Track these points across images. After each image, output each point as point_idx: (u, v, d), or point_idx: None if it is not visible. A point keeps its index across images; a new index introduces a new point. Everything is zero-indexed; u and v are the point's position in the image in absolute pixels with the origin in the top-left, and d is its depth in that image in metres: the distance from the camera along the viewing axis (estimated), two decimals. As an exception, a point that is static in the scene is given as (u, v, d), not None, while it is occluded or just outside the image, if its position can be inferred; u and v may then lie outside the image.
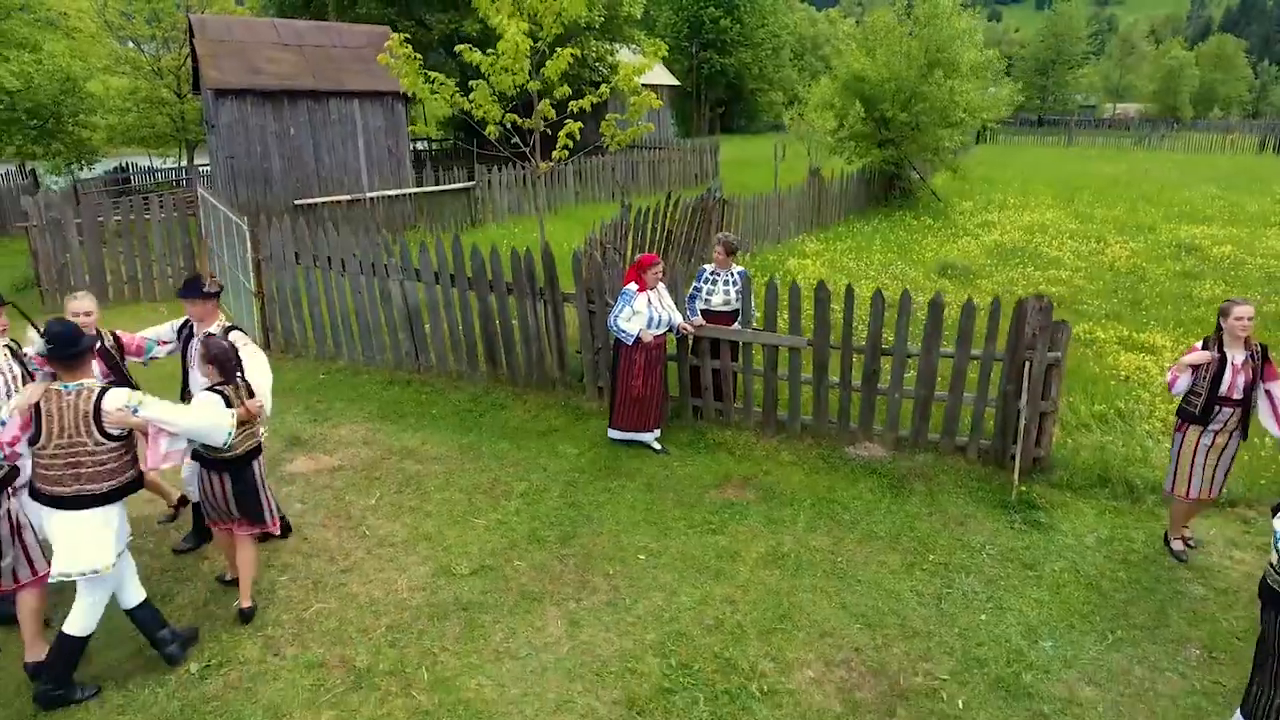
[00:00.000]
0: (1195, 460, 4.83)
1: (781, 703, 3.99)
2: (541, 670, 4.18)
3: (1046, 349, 5.82)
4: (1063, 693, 4.07)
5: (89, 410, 3.70)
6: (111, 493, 3.81)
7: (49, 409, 3.67)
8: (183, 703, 3.95)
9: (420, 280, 7.81)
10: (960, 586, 4.92)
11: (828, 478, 6.21)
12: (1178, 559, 5.06)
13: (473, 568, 5.06)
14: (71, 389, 3.71)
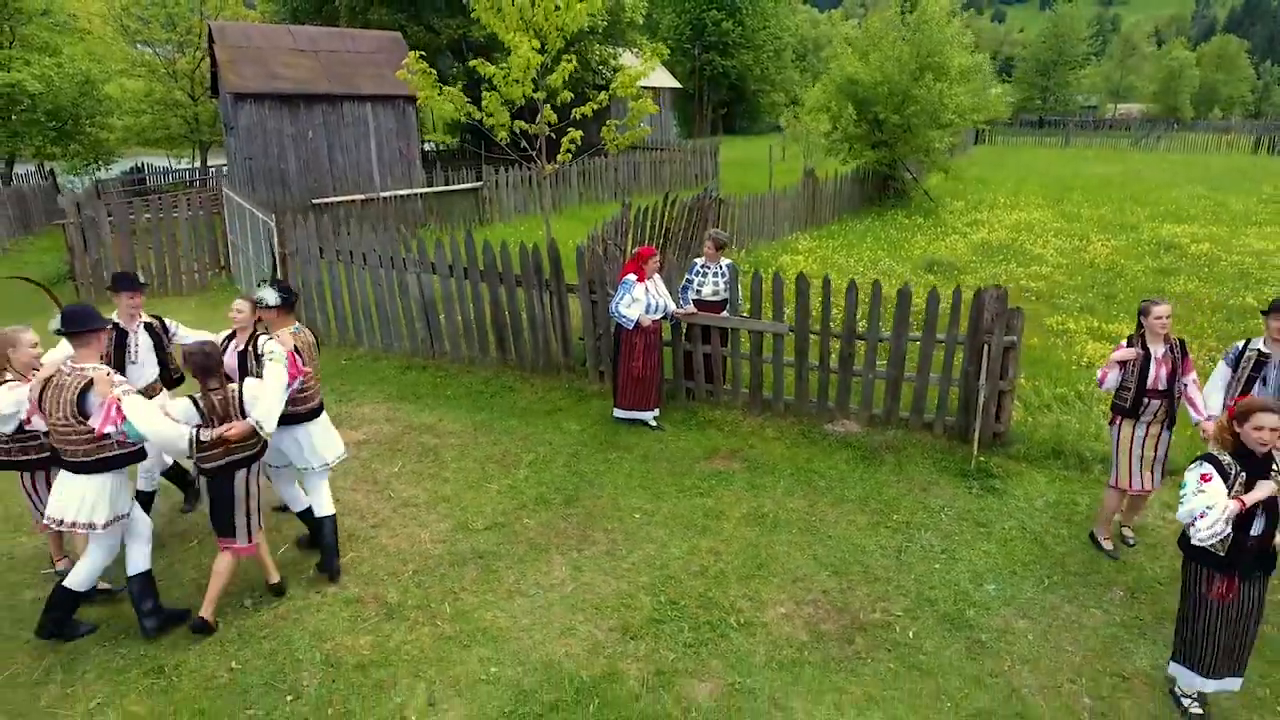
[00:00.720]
0: (1133, 452, 5.23)
1: (755, 632, 4.63)
2: (548, 605, 4.83)
3: (1003, 333, 6.44)
4: (1000, 624, 4.70)
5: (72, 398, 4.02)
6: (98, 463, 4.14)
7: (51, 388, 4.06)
8: (239, 630, 4.60)
9: (436, 273, 8.47)
10: (919, 541, 5.55)
11: (806, 450, 6.85)
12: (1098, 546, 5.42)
13: (487, 524, 5.72)
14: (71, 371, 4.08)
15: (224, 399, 4.29)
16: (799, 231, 15.67)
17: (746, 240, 13.96)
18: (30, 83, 22.86)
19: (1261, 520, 3.68)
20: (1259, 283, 12.64)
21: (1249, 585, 3.78)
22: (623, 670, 4.28)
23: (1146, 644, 4.53)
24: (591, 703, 4.04)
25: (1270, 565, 3.79)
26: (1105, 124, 59.61)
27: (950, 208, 18.89)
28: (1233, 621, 3.80)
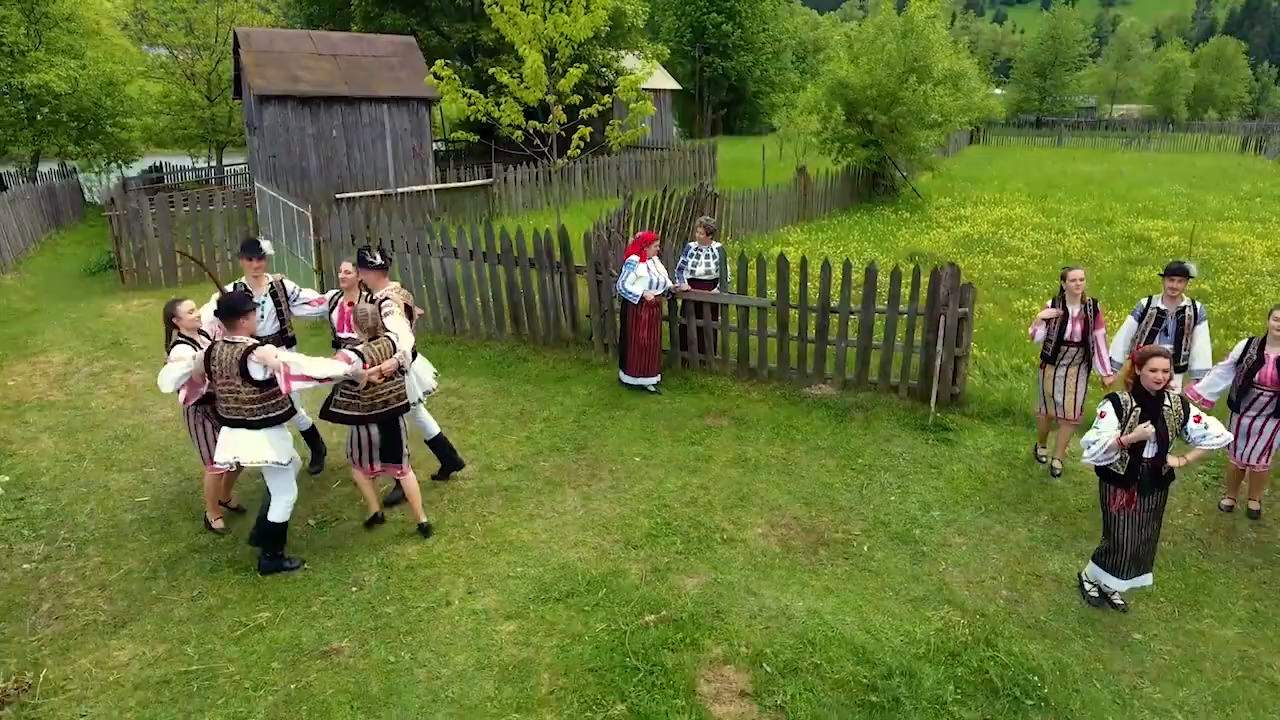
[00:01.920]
0: (1054, 388, 6.34)
1: (736, 546, 5.57)
2: (562, 525, 5.78)
3: (957, 306, 7.38)
4: (939, 540, 5.64)
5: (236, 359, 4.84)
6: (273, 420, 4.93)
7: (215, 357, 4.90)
8: (308, 542, 5.55)
9: (458, 258, 9.41)
10: (878, 480, 6.49)
11: (787, 410, 7.79)
12: (1040, 461, 6.59)
13: (508, 465, 6.67)
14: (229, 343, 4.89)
15: (381, 348, 5.22)
16: (790, 225, 16.61)
17: (740, 233, 14.90)
18: (57, 84, 23.87)
19: (1154, 446, 4.58)
20: (1219, 272, 13.55)
21: (1147, 498, 4.68)
22: (625, 569, 5.23)
23: (1060, 554, 5.46)
24: (600, 590, 4.98)
25: (1164, 482, 4.70)
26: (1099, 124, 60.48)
27: (937, 204, 19.82)
28: (1136, 528, 4.69)
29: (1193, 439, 4.60)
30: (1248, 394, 5.66)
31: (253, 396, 4.88)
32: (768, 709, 4.07)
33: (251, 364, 4.83)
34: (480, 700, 4.13)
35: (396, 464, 5.57)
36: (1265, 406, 5.62)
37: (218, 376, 4.93)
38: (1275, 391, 5.55)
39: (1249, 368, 5.63)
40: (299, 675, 4.30)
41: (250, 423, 4.93)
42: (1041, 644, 4.58)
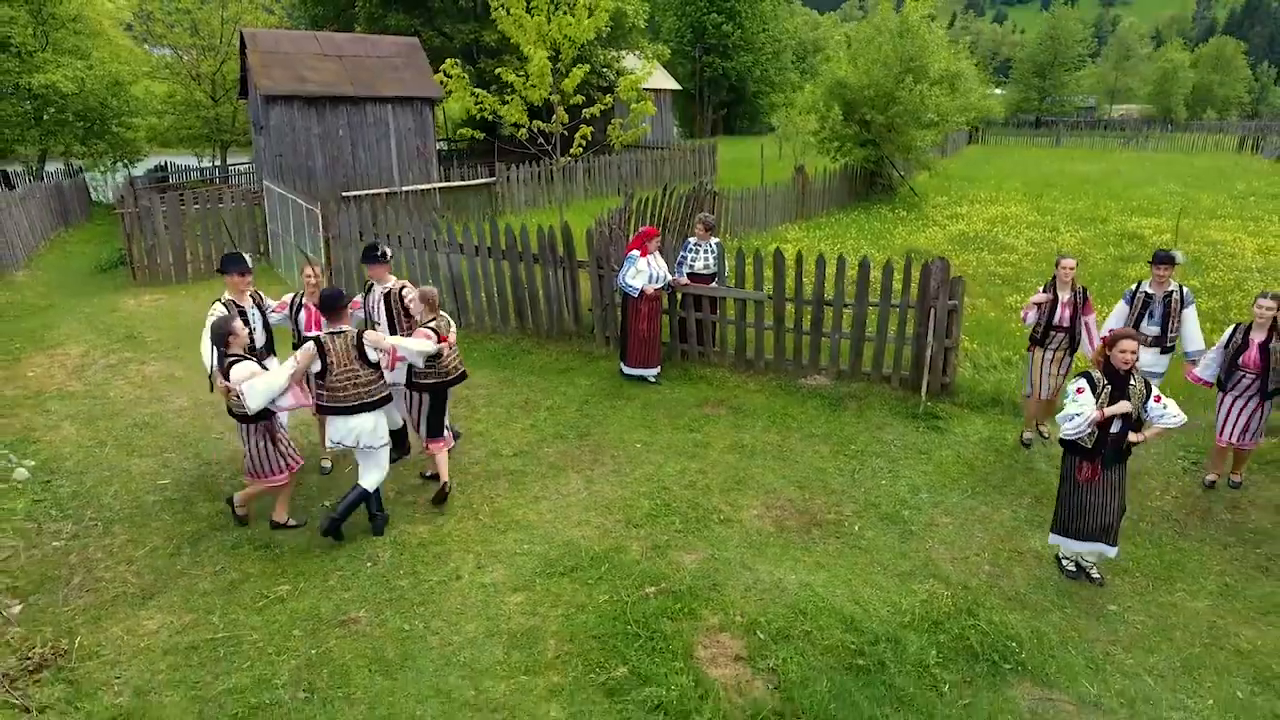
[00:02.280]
0: (1041, 370, 6.67)
1: (732, 526, 5.82)
2: (566, 506, 6.04)
3: (947, 299, 7.63)
4: (927, 520, 5.90)
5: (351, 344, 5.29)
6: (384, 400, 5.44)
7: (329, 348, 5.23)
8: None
9: (463, 254, 9.67)
10: (870, 465, 6.75)
11: (783, 400, 8.04)
12: (1025, 446, 6.87)
13: (514, 451, 6.93)
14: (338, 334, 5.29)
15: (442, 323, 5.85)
16: (789, 223, 16.86)
17: (739, 230, 15.15)
18: (64, 84, 24.14)
19: (1119, 422, 4.86)
20: (1208, 269, 13.81)
21: (1109, 471, 4.96)
22: (627, 546, 5.49)
23: (1042, 533, 5.70)
24: (603, 565, 5.24)
25: (1124, 456, 4.98)
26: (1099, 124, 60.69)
27: (933, 202, 20.06)
28: (1098, 497, 4.97)
29: (1152, 417, 4.88)
30: (1233, 376, 5.96)
31: (370, 379, 5.35)
32: (761, 671, 4.32)
33: (367, 347, 5.29)
34: (490, 664, 4.39)
35: (433, 437, 6.02)
36: (1249, 388, 5.90)
37: (335, 367, 5.24)
38: (1257, 373, 5.83)
39: (1234, 351, 5.91)
40: (319, 642, 4.56)
41: (369, 404, 5.34)
42: (1021, 614, 4.84)
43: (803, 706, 4.07)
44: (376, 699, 4.15)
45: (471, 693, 4.20)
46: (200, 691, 4.21)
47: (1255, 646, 4.62)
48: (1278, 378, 5.81)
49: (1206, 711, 4.15)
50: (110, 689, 4.22)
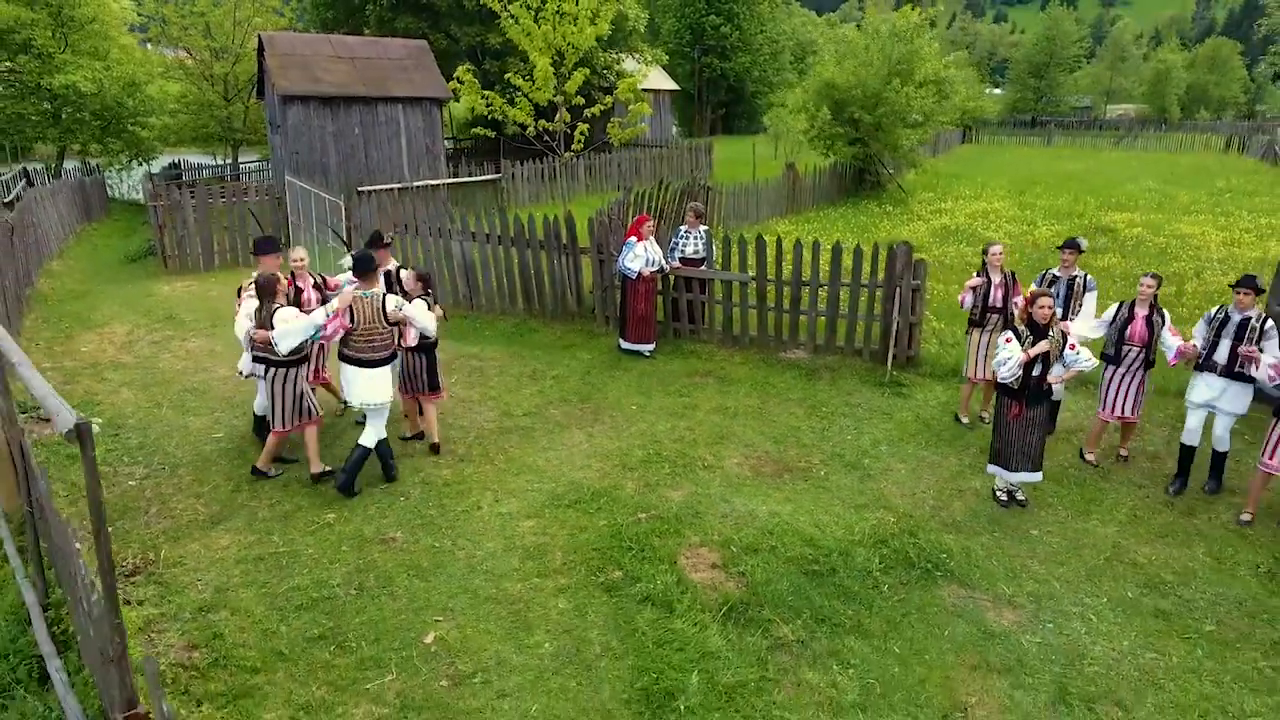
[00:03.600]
0: (977, 351, 7.45)
1: (715, 471, 6.71)
2: (570, 455, 6.93)
3: (911, 279, 8.52)
4: (883, 466, 6.79)
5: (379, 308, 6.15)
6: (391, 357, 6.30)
7: (358, 308, 6.10)
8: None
9: (475, 241, 10.57)
10: (838, 424, 7.64)
11: (764, 371, 8.94)
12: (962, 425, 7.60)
13: (524, 411, 7.82)
14: (368, 295, 6.14)
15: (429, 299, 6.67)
16: (779, 217, 17.76)
17: (731, 223, 16.03)
18: (84, 84, 25.05)
19: (1039, 366, 5.75)
20: (1172, 259, 14.70)
21: (1033, 409, 5.84)
22: (623, 485, 6.38)
23: (982, 477, 6.59)
24: (602, 499, 6.13)
25: (1044, 397, 5.86)
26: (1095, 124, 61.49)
27: (920, 198, 20.96)
28: (1025, 432, 5.86)
29: (1068, 361, 5.78)
30: (1121, 350, 6.68)
31: (385, 337, 6.17)
32: (732, 575, 5.22)
33: (389, 307, 6.13)
34: (508, 570, 5.29)
35: (436, 391, 6.89)
36: (1134, 361, 6.66)
37: (359, 325, 6.05)
38: (1142, 346, 6.61)
39: (1121, 325, 6.68)
40: (364, 555, 5.46)
41: (381, 359, 6.13)
42: (955, 536, 5.73)
43: (765, 598, 4.96)
44: (415, 595, 5.04)
45: (493, 590, 5.09)
46: (269, 589, 5.10)
47: (1149, 561, 5.51)
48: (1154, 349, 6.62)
49: (1100, 608, 5.04)
50: (194, 588, 5.11)
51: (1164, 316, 6.59)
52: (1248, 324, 6.14)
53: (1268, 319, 6.18)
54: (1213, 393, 6.30)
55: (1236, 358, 6.12)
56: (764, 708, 4.16)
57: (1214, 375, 6.27)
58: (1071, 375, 5.97)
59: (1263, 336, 6.08)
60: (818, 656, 4.53)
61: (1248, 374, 6.11)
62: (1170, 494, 6.38)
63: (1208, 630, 4.82)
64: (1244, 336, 6.11)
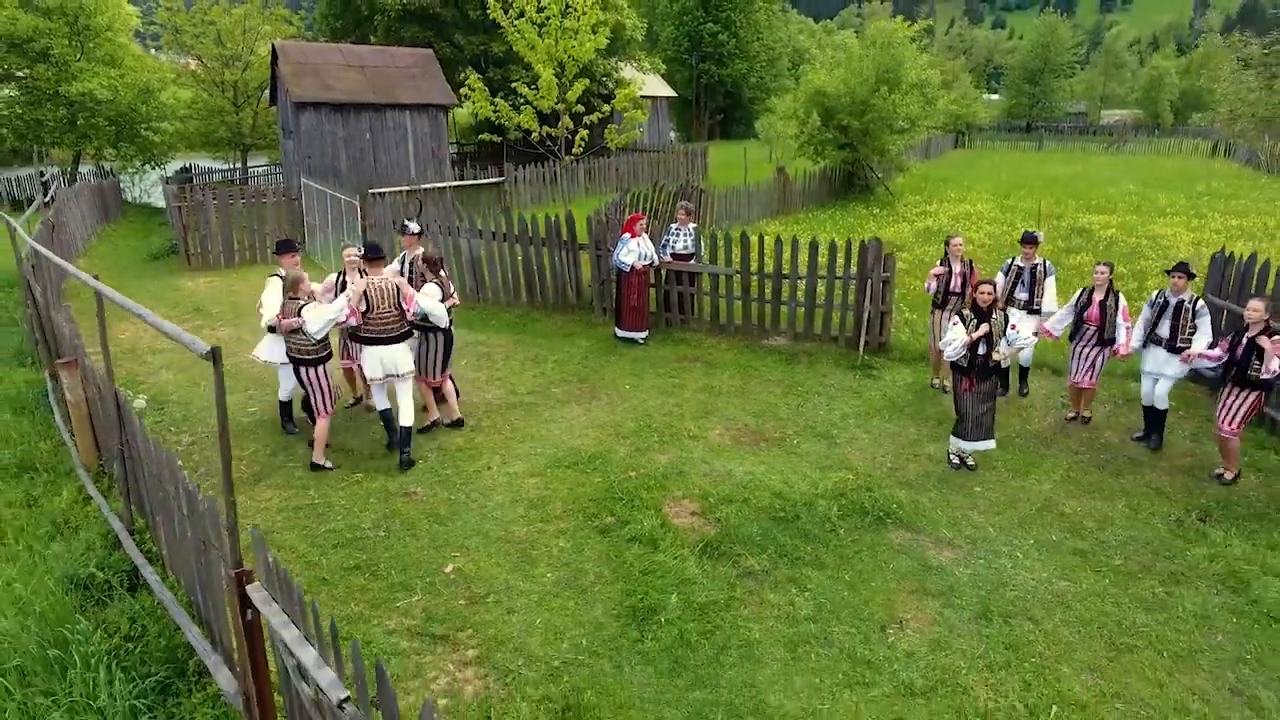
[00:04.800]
0: (939, 328, 8.31)
1: (699, 440, 7.51)
2: (570, 426, 7.74)
3: (882, 272, 9.33)
4: (849, 436, 7.59)
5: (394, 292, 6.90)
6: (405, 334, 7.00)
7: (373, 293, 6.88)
8: (383, 437, 7.50)
9: (481, 238, 11.39)
10: (813, 401, 8.45)
11: (747, 356, 9.75)
12: (935, 388, 8.52)
13: (528, 390, 8.64)
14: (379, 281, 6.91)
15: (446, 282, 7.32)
16: (769, 219, 18.58)
17: (723, 224, 16.85)
18: (101, 91, 25.93)
19: (985, 346, 6.56)
20: (1141, 257, 15.51)
21: (982, 383, 6.65)
22: (616, 449, 7.19)
23: (937, 444, 7.40)
24: (597, 461, 6.94)
25: (992, 373, 6.67)
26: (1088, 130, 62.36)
27: (907, 201, 21.79)
28: (977, 404, 6.67)
29: (1009, 339, 6.58)
30: (1079, 328, 7.63)
31: (397, 317, 6.83)
32: (709, 520, 6.02)
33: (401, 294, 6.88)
34: (515, 518, 6.09)
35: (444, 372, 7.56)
36: (1091, 338, 7.57)
37: (375, 306, 6.76)
38: (1097, 326, 7.51)
39: (1080, 308, 7.60)
40: (389, 505, 6.26)
41: (395, 337, 6.81)
42: (906, 491, 6.53)
43: (736, 538, 5.76)
44: (435, 536, 5.85)
45: (502, 533, 5.89)
46: (309, 531, 5.90)
47: (1074, 511, 6.32)
48: (1111, 328, 7.47)
49: (1026, 548, 5.84)
50: (243, 530, 5.90)
51: (1119, 301, 7.47)
52: (1182, 305, 7.05)
53: (1199, 300, 7.11)
54: (1157, 362, 7.25)
55: (1176, 334, 7.03)
56: (731, 620, 4.97)
57: (1159, 349, 7.20)
58: (1013, 351, 6.77)
59: (1195, 315, 7.01)
60: (779, 582, 5.34)
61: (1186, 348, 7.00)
62: (1149, 448, 7.35)
63: (1116, 564, 5.62)
64: (1179, 316, 7.03)
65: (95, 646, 3.92)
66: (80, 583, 4.61)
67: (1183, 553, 5.76)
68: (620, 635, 4.84)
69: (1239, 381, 6.59)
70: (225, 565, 3.20)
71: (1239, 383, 6.59)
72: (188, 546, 4.03)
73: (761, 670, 4.56)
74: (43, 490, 6.06)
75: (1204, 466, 7.04)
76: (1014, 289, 8.12)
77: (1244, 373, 6.51)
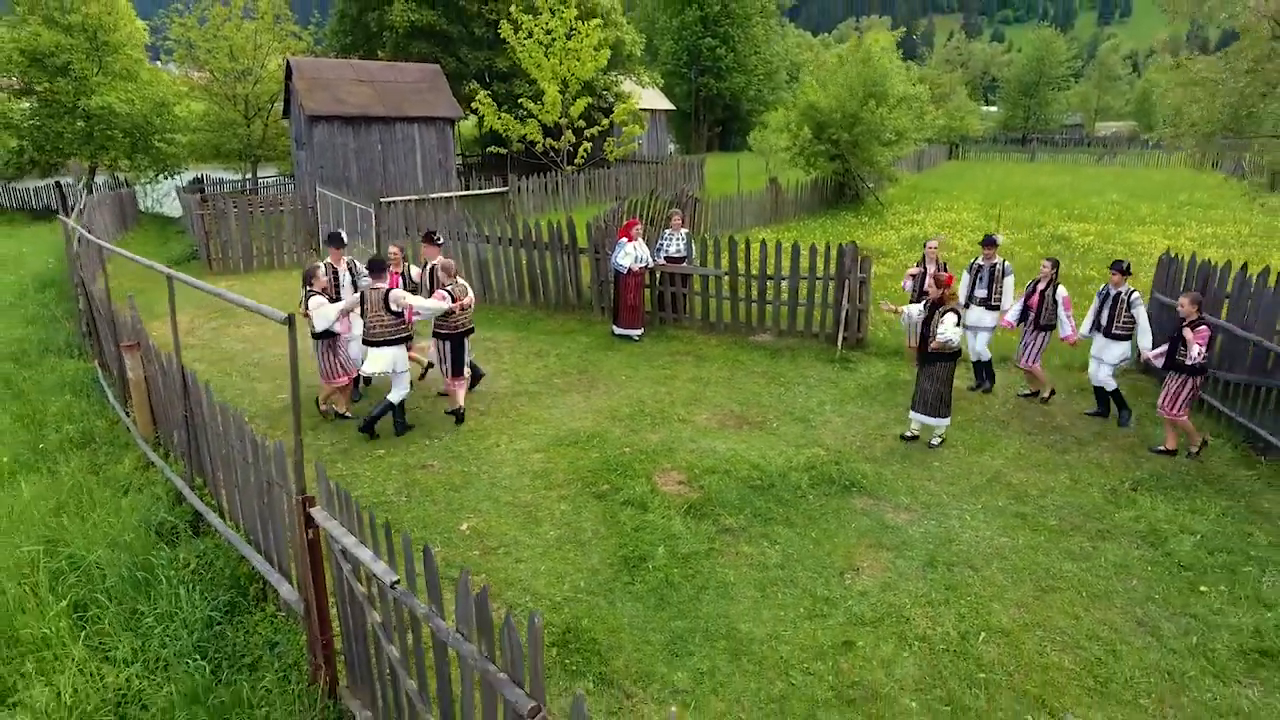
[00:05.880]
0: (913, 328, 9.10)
1: (688, 423, 8.28)
2: (570, 411, 8.51)
3: (858, 273, 10.12)
4: (824, 419, 8.36)
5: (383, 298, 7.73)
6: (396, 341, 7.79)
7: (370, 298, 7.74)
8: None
9: (488, 243, 12.21)
10: (794, 390, 9.22)
11: (735, 351, 10.53)
12: None
13: (532, 380, 9.42)
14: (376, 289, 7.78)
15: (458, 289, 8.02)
16: (761, 227, 19.39)
17: (717, 232, 17.67)
18: (119, 105, 26.87)
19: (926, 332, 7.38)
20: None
21: (927, 366, 7.46)
22: (612, 430, 7.96)
23: (903, 426, 8.17)
24: (595, 439, 7.71)
25: (933, 359, 7.46)
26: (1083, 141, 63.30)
27: (896, 210, 22.61)
28: (921, 380, 7.48)
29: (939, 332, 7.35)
30: (1025, 316, 8.45)
31: (392, 323, 7.58)
32: (694, 487, 6.79)
33: (391, 301, 7.60)
34: (521, 486, 6.86)
35: (459, 376, 8.26)
36: (1031, 323, 8.42)
37: (370, 311, 7.58)
38: (1035, 312, 8.36)
39: (1025, 298, 8.42)
40: (409, 476, 7.03)
41: (391, 340, 7.61)
42: (871, 465, 7.30)
43: (717, 502, 6.53)
44: (451, 501, 6.61)
45: (510, 499, 6.66)
46: (340, 497, 6.66)
47: (1021, 482, 7.08)
48: (1050, 315, 8.31)
49: (974, 511, 6.59)
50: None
51: (1057, 291, 8.30)
52: (1119, 296, 8.01)
53: (1134, 292, 8.04)
54: (1098, 347, 8.18)
55: (1112, 321, 8.00)
56: (710, 567, 5.73)
57: (1100, 335, 8.14)
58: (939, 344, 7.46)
59: (1130, 306, 7.97)
60: (752, 538, 6.10)
61: (1122, 334, 7.99)
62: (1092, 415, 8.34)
63: (1051, 525, 6.38)
64: (1116, 305, 8.01)
65: (175, 573, 4.69)
66: (152, 527, 5.39)
67: (1112, 515, 6.53)
68: (613, 579, 5.60)
69: (1174, 368, 7.39)
70: (289, 496, 3.97)
71: (1174, 369, 7.39)
72: (250, 492, 4.80)
73: (734, 605, 5.32)
74: (105, 459, 6.85)
75: (1145, 446, 7.81)
76: (974, 286, 8.91)
77: (1173, 359, 7.32)
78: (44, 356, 10.16)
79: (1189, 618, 5.27)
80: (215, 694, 3.95)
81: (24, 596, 4.46)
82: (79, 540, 5.01)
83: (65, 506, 5.55)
